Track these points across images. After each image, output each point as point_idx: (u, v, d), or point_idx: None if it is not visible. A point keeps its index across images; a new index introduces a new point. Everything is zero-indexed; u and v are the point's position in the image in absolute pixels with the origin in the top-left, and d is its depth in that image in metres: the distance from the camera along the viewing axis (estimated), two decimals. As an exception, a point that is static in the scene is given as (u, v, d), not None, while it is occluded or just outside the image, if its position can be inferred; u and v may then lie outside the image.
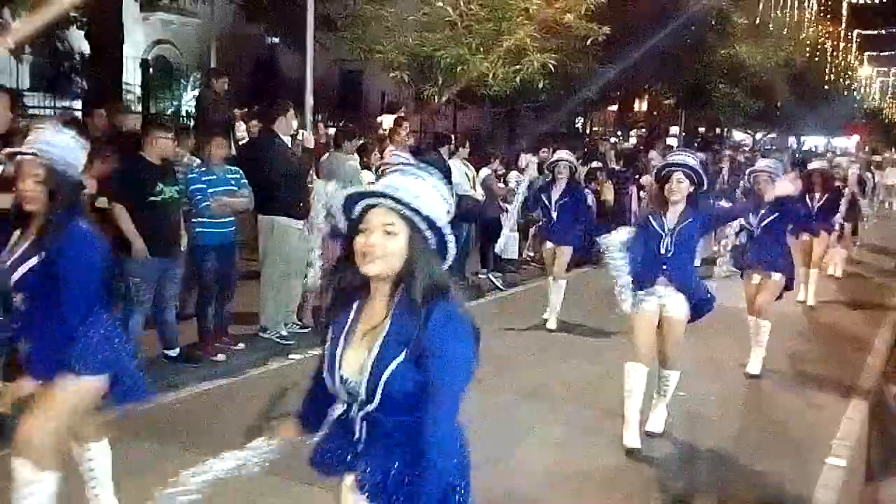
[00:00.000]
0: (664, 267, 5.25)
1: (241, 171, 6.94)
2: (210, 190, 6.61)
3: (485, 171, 10.72)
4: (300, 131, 8.18)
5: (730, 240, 7.69)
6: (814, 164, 10.91)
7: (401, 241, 2.20)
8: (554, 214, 8.48)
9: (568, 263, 8.62)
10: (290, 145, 7.71)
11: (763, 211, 6.88)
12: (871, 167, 22.92)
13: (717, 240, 10.53)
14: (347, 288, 2.36)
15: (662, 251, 5.22)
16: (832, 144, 46.96)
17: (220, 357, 6.72)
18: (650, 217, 5.42)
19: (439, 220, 2.20)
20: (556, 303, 8.49)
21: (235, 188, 6.79)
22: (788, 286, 7.14)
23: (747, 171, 7.47)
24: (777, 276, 6.99)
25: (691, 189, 5.20)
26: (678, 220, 5.23)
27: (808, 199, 9.85)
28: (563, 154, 8.69)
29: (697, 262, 7.18)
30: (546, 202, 8.54)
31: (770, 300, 7.02)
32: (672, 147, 22.50)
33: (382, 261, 2.20)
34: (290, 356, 7.09)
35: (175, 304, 6.73)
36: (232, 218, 6.83)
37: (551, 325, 8.43)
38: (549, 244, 8.67)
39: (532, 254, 12.10)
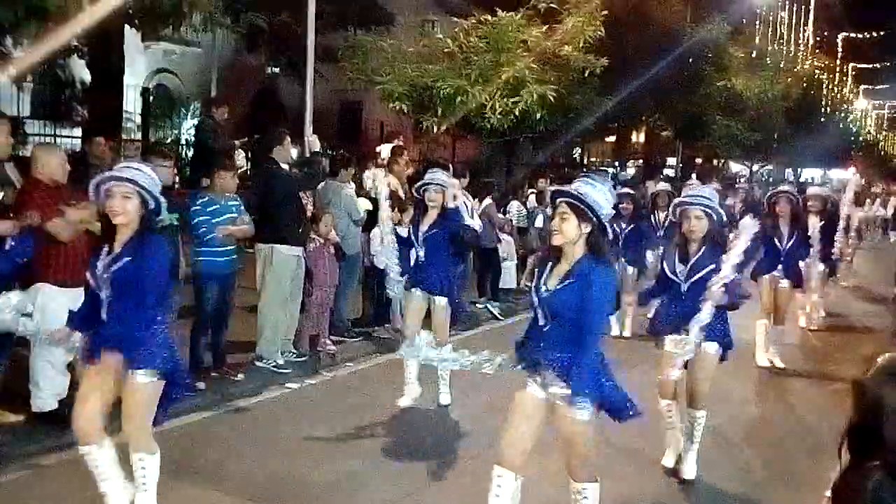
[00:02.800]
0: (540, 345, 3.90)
1: (240, 199, 6.98)
2: (214, 220, 6.63)
3: (486, 201, 10.76)
4: (306, 137, 8.19)
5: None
6: (780, 187, 8.69)
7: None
8: (420, 252, 6.33)
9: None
10: (289, 172, 7.75)
11: (696, 258, 5.14)
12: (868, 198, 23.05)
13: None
14: None
15: (541, 322, 3.87)
16: (829, 176, 47.19)
17: (202, 385, 6.60)
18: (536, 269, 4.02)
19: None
20: (444, 375, 6.59)
21: (237, 216, 6.82)
22: (724, 357, 5.39)
23: (673, 203, 5.54)
24: (712, 348, 5.20)
25: (587, 231, 3.74)
26: (561, 280, 3.79)
27: (773, 235, 8.04)
28: (436, 175, 6.51)
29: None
30: (412, 237, 6.43)
31: (707, 382, 5.28)
32: (670, 177, 22.66)
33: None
34: (287, 385, 7.06)
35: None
36: (233, 247, 6.86)
37: (444, 399, 6.63)
38: (416, 292, 6.39)
39: (530, 283, 12.10)
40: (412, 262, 6.40)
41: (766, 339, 8.33)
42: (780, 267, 8.12)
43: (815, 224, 9.00)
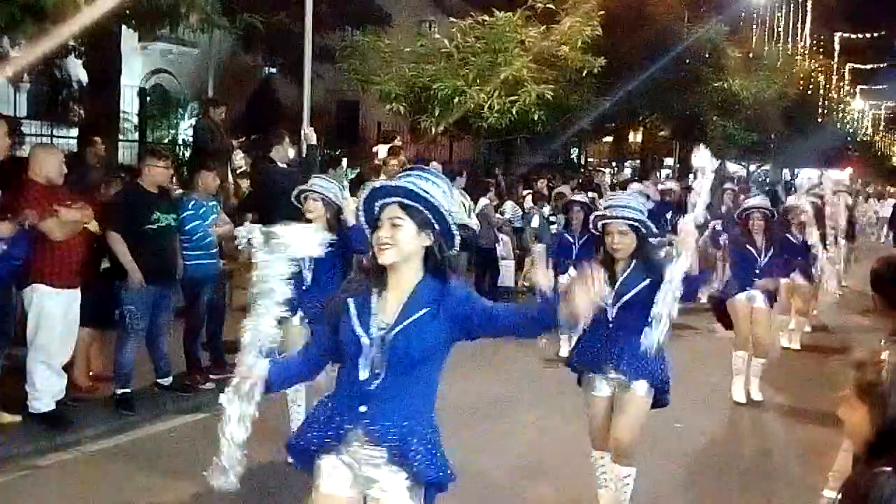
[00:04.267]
0: None
1: (218, 199, 7.05)
2: (206, 223, 6.65)
3: (483, 202, 10.80)
4: (303, 130, 8.22)
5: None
6: (751, 202, 7.63)
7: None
8: (307, 274, 5.06)
9: None
10: (287, 170, 7.76)
11: (623, 276, 4.20)
12: (869, 199, 23.06)
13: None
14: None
15: (363, 376, 2.74)
16: (826, 176, 47.21)
17: (209, 385, 6.65)
18: None
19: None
20: None
21: (217, 216, 6.88)
22: (660, 401, 4.31)
23: (594, 216, 4.66)
24: (642, 388, 4.18)
25: (427, 243, 2.73)
26: (402, 313, 2.74)
27: (750, 248, 7.14)
28: (317, 181, 5.42)
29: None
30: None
31: (634, 431, 4.22)
32: (669, 177, 22.66)
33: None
34: (285, 385, 7.05)
35: (168, 332, 6.71)
36: (217, 248, 6.89)
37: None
38: (296, 321, 5.02)
39: (528, 284, 12.13)
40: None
41: (746, 371, 7.21)
42: (756, 283, 7.08)
43: (796, 237, 8.54)
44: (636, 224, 4.19)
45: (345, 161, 6.52)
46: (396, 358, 2.62)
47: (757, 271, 7.06)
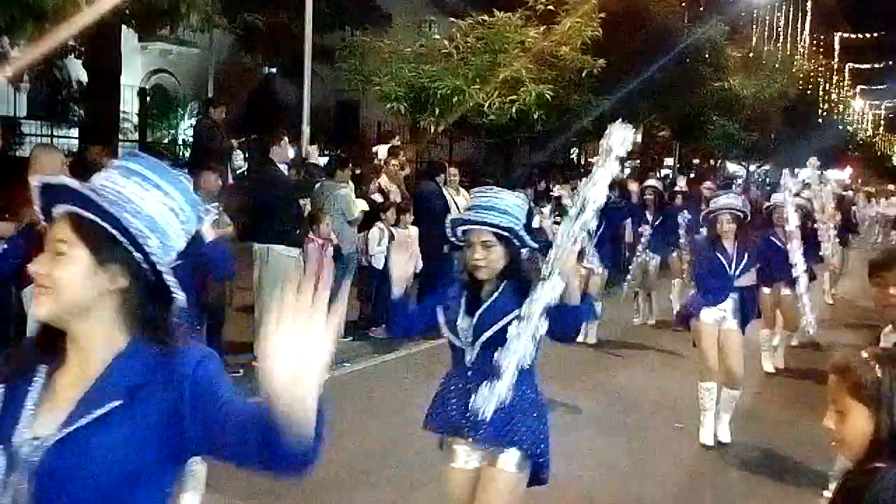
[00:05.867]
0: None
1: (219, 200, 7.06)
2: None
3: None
4: (304, 147, 8.24)
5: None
6: (720, 201, 6.21)
7: None
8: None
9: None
10: (286, 172, 7.77)
11: (487, 304, 3.18)
12: (869, 198, 22.98)
13: None
14: None
15: None
16: (826, 176, 47.27)
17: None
18: None
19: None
20: None
21: (219, 217, 6.87)
22: (537, 477, 3.20)
23: (449, 219, 3.55)
24: (511, 459, 3.12)
25: (123, 289, 1.68)
26: (75, 413, 1.55)
27: (720, 256, 5.97)
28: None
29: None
30: None
31: None
32: (668, 177, 22.66)
33: None
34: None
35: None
36: None
37: None
38: None
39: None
40: None
41: (718, 405, 6.13)
42: (730, 301, 6.00)
43: (781, 239, 7.44)
44: (507, 233, 3.13)
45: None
46: (51, 489, 1.50)
47: (731, 283, 5.97)
